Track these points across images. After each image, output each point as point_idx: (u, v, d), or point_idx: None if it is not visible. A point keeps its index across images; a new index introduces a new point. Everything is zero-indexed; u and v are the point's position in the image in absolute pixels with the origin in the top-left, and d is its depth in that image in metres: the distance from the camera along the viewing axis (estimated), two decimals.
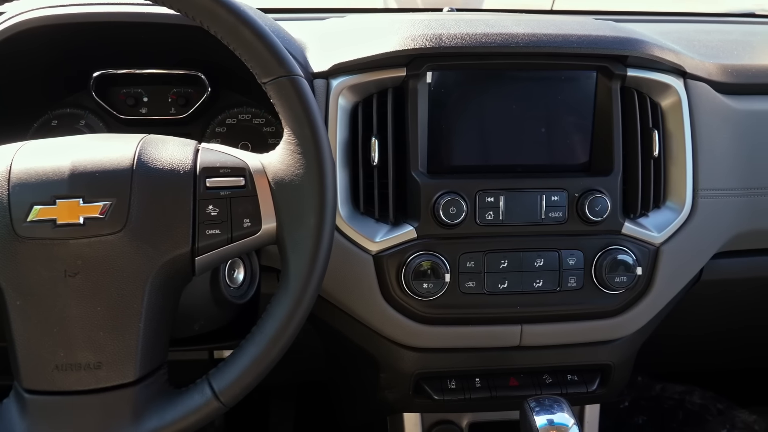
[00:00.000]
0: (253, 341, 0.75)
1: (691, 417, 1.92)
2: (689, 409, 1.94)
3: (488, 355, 1.07)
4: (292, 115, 0.77)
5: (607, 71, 1.02)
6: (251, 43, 0.76)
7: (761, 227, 1.13)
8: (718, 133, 1.08)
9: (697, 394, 1.96)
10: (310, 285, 0.75)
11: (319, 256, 0.75)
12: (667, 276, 1.05)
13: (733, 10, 1.69)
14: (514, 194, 1.00)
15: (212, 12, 0.75)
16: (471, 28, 1.00)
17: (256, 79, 0.78)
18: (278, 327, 0.75)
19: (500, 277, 1.01)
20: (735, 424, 1.91)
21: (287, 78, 0.76)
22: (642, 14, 1.54)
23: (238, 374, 0.75)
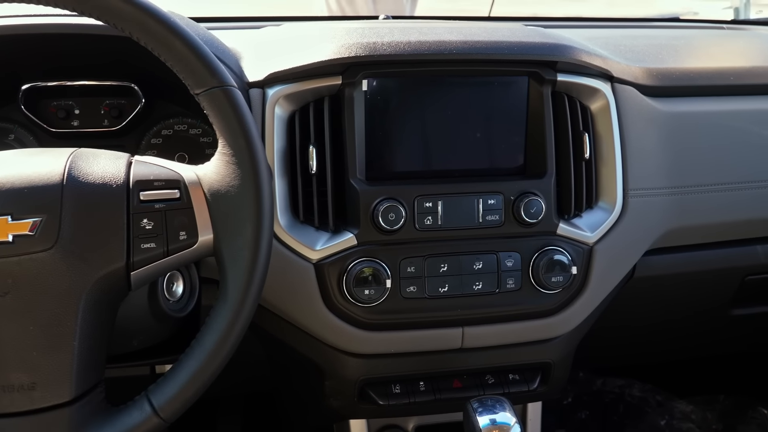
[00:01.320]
0: (193, 355, 0.75)
1: (632, 410, 1.98)
2: (629, 402, 2.00)
3: (431, 358, 1.08)
4: (226, 126, 0.76)
5: (537, 76, 1.04)
6: (182, 54, 0.75)
7: (688, 224, 1.17)
8: (645, 135, 1.12)
9: (636, 387, 2.02)
10: (249, 296, 0.75)
11: (257, 267, 0.75)
12: (601, 274, 1.09)
13: (659, 15, 1.76)
14: (452, 199, 1.02)
15: (141, 23, 0.74)
16: (405, 36, 1.01)
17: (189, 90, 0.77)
18: (217, 339, 0.74)
19: (440, 280, 1.02)
20: (673, 414, 1.97)
21: (220, 89, 0.76)
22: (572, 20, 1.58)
23: (177, 389, 0.74)
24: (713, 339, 1.56)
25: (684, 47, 1.34)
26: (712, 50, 1.40)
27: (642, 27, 1.54)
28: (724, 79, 1.21)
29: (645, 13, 6.38)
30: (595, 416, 1.98)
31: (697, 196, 1.16)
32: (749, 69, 1.25)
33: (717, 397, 1.96)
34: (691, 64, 1.25)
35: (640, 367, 2.01)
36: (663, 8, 7.32)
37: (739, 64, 1.27)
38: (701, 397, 1.97)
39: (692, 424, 1.95)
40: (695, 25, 1.60)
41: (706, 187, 1.16)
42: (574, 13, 12.91)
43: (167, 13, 0.76)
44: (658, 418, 1.96)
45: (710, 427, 1.93)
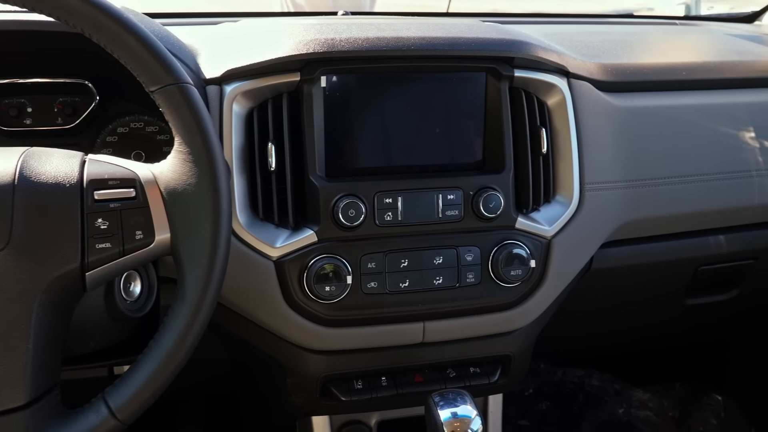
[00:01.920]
0: (150, 355, 0.74)
1: (591, 399, 2.02)
2: (588, 391, 2.03)
3: (393, 353, 1.09)
4: (183, 124, 0.75)
5: (495, 72, 1.05)
6: (136, 51, 0.74)
7: (643, 216, 1.20)
8: (600, 129, 1.14)
9: (595, 377, 2.06)
10: (208, 295, 0.74)
11: (215, 266, 0.74)
12: (559, 267, 1.10)
13: (614, 11, 1.79)
14: (412, 194, 1.02)
15: (94, 20, 0.73)
16: (363, 32, 1.01)
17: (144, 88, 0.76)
18: (176, 339, 0.73)
19: (401, 276, 1.02)
20: (631, 402, 2.02)
21: (175, 86, 0.75)
22: (529, 16, 1.60)
23: (135, 390, 0.73)
24: (669, 328, 1.59)
25: (637, 43, 1.36)
26: (664, 46, 1.43)
27: (597, 23, 1.57)
28: (676, 74, 1.24)
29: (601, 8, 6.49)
30: (555, 406, 2.01)
31: (650, 189, 1.18)
32: (700, 64, 1.28)
33: (673, 384, 2.01)
34: (644, 59, 1.27)
35: (599, 357, 2.05)
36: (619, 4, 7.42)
37: (690, 60, 1.29)
38: (658, 386, 2.02)
39: (649, 411, 1.99)
40: (648, 21, 1.63)
41: (660, 181, 1.18)
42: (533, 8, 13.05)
43: (120, 9, 0.75)
44: (617, 406, 2.01)
45: (666, 414, 1.98)
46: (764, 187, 1.25)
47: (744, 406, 1.88)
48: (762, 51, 1.38)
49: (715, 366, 1.98)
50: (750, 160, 1.24)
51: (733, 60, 1.32)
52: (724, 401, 1.90)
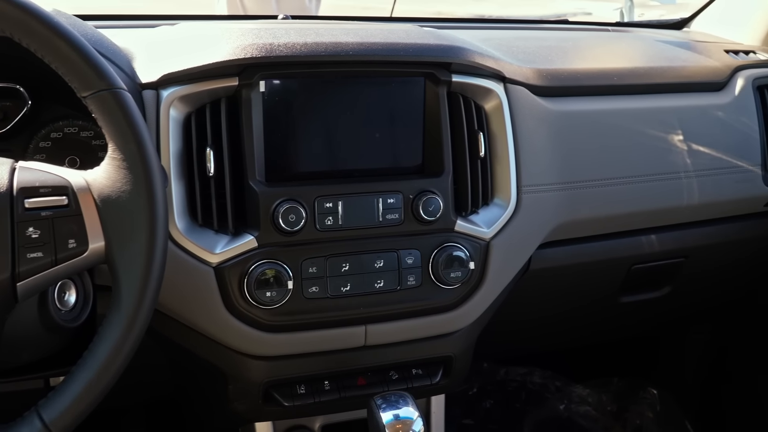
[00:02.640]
0: (85, 366, 0.72)
1: (533, 396, 2.06)
2: (531, 389, 2.07)
3: (336, 357, 1.09)
4: (116, 130, 0.74)
5: (433, 77, 1.07)
6: (67, 56, 0.73)
7: (578, 217, 1.23)
8: (536, 133, 1.17)
9: (537, 375, 2.10)
10: (144, 303, 0.73)
11: (151, 273, 0.74)
12: (497, 268, 1.12)
13: (552, 15, 1.83)
14: (352, 199, 1.03)
15: (22, 24, 0.71)
16: (301, 38, 1.01)
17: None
18: (111, 349, 0.72)
19: (342, 280, 1.03)
20: (572, 398, 2.06)
21: (108, 92, 0.74)
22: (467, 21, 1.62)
23: (69, 402, 0.71)
24: (605, 325, 1.64)
25: (572, 49, 1.40)
26: (597, 52, 1.47)
27: (533, 29, 1.60)
28: (608, 79, 1.28)
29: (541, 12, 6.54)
30: (499, 404, 2.04)
31: (585, 191, 1.21)
32: (631, 70, 1.32)
33: (611, 380, 2.07)
34: (578, 65, 1.31)
35: (541, 355, 2.09)
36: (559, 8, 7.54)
37: (621, 65, 1.34)
38: (596, 381, 2.07)
39: (589, 406, 2.04)
40: (583, 27, 1.68)
41: (593, 182, 1.22)
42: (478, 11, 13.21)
43: (50, 12, 0.73)
44: (558, 402, 2.05)
45: (605, 408, 2.03)
46: (692, 188, 1.30)
47: (678, 398, 1.95)
48: (689, 57, 1.43)
49: (650, 361, 2.04)
50: (678, 162, 1.29)
51: (662, 66, 1.37)
52: (659, 395, 1.97)
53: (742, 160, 1.34)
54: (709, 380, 1.88)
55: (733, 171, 1.34)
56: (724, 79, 1.37)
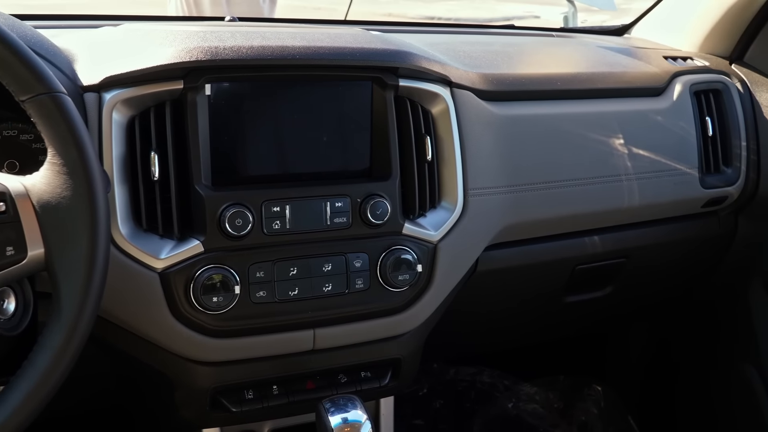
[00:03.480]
0: (25, 375, 0.71)
1: (482, 395, 2.09)
2: (480, 388, 2.10)
3: (284, 361, 1.09)
4: (56, 135, 0.73)
5: (380, 82, 1.07)
6: (3, 58, 0.71)
7: (523, 220, 1.25)
8: (482, 137, 1.19)
9: (486, 374, 2.13)
10: (85, 311, 0.72)
11: (92, 280, 0.72)
12: (445, 270, 1.14)
13: (503, 18, 1.86)
14: (300, 203, 1.03)
15: None
16: (247, 41, 1.00)
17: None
18: (51, 358, 0.71)
19: (290, 284, 1.03)
20: (520, 397, 2.10)
21: (47, 95, 0.72)
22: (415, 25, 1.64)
23: (8, 413, 0.70)
24: (551, 324, 1.67)
25: (517, 54, 1.42)
26: (542, 57, 1.50)
27: (479, 33, 1.62)
28: (552, 84, 1.31)
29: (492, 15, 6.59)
30: (449, 404, 2.06)
31: (530, 193, 1.24)
32: (574, 75, 1.35)
33: (558, 377, 2.11)
34: (523, 70, 1.33)
35: (490, 354, 2.12)
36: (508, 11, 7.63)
37: (565, 71, 1.37)
38: (544, 379, 2.11)
39: (536, 404, 2.08)
40: (528, 32, 1.71)
41: (538, 185, 1.24)
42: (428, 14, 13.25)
43: None
44: (506, 401, 2.08)
45: (552, 406, 2.07)
46: (633, 190, 1.34)
47: (621, 395, 2.00)
48: (630, 63, 1.47)
49: (595, 358, 2.09)
50: (620, 165, 1.32)
51: (604, 71, 1.40)
52: (603, 391, 2.01)
53: (681, 163, 1.39)
54: (650, 376, 1.93)
55: (672, 174, 1.38)
56: (662, 84, 1.41)
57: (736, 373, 1.63)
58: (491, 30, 1.68)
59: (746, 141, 1.47)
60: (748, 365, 1.59)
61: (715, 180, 1.44)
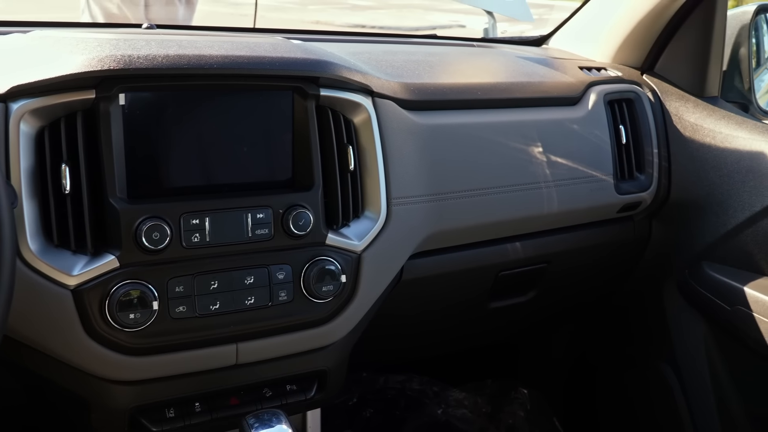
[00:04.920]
0: None
1: (412, 402, 2.09)
2: (410, 395, 2.11)
3: (206, 377, 1.06)
4: None
5: (301, 91, 1.07)
6: None
7: (447, 228, 1.27)
8: (404, 146, 1.19)
9: (415, 381, 2.14)
10: None
11: None
12: (369, 280, 1.14)
13: (430, 26, 1.88)
14: (220, 215, 1.01)
15: None
16: (163, 49, 0.98)
17: None
18: None
19: (211, 298, 1.01)
20: (449, 402, 2.12)
21: None
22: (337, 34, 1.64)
23: None
24: (478, 330, 1.70)
25: (438, 63, 1.44)
26: (462, 67, 1.52)
27: (402, 43, 1.64)
28: (473, 93, 1.33)
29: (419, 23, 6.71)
30: (379, 413, 2.06)
31: (452, 202, 1.25)
32: (493, 85, 1.38)
33: (485, 382, 2.14)
34: (444, 79, 1.35)
35: (419, 361, 2.13)
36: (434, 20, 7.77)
37: (485, 80, 1.39)
38: (472, 384, 2.13)
39: (465, 409, 2.10)
40: (449, 42, 1.73)
41: (460, 193, 1.26)
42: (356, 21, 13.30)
43: None
44: (436, 407, 2.10)
45: (480, 410, 2.10)
46: (552, 197, 1.37)
47: (547, 397, 2.04)
48: (547, 73, 1.51)
49: (521, 361, 2.13)
50: (539, 173, 1.35)
51: (522, 81, 1.43)
52: (529, 394, 2.05)
53: (596, 170, 1.43)
54: (573, 378, 1.99)
55: (589, 180, 1.42)
56: (578, 94, 1.46)
57: (652, 373, 1.69)
58: (414, 39, 1.69)
59: (658, 148, 1.53)
60: (665, 364, 1.65)
61: (630, 186, 1.49)
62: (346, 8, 16.18)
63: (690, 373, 1.60)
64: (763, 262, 1.44)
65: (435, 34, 1.78)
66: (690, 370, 1.60)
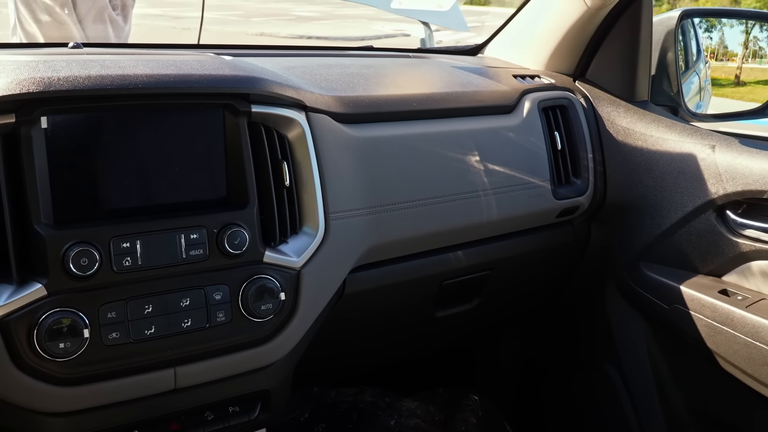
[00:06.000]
0: None
1: (365, 415, 2.08)
2: (362, 408, 2.10)
3: (144, 404, 1.03)
4: None
5: (232, 108, 1.05)
6: None
7: (387, 240, 1.26)
8: (341, 160, 1.19)
9: (368, 393, 2.13)
10: None
11: None
12: (310, 296, 1.12)
13: (375, 35, 1.87)
14: (151, 237, 0.99)
15: None
16: (84, 70, 0.95)
17: None
18: None
19: (146, 323, 0.98)
20: (401, 413, 2.11)
21: None
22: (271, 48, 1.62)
23: None
24: (424, 340, 1.70)
25: (373, 76, 1.44)
26: (398, 78, 1.53)
27: (337, 56, 1.63)
28: (408, 105, 1.33)
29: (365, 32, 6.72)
30: (331, 427, 2.04)
31: (391, 213, 1.25)
32: (429, 95, 1.39)
33: (437, 390, 2.14)
34: (379, 91, 1.35)
35: (370, 373, 2.12)
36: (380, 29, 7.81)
37: (420, 91, 1.40)
38: (424, 393, 2.13)
39: (418, 419, 2.10)
40: (386, 54, 1.74)
41: (399, 205, 1.26)
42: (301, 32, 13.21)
43: None
44: (389, 418, 2.09)
45: (433, 419, 2.10)
46: (491, 205, 1.39)
47: (497, 402, 2.06)
48: (482, 82, 1.53)
49: (471, 368, 2.14)
50: (477, 182, 1.36)
51: (457, 91, 1.45)
52: (480, 400, 2.06)
53: (533, 176, 1.45)
54: (522, 382, 2.00)
55: (526, 187, 1.44)
56: (512, 102, 1.48)
57: (598, 374, 1.71)
58: (349, 52, 1.69)
59: (592, 153, 1.56)
60: (609, 365, 1.68)
61: (567, 191, 1.52)
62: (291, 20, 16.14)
63: (633, 373, 1.63)
64: (698, 260, 1.48)
65: (371, 45, 1.78)
66: (633, 370, 1.63)
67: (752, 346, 1.33)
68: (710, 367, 1.43)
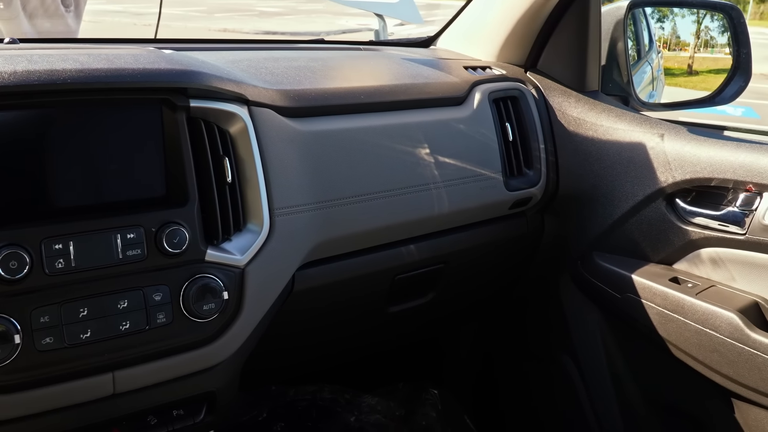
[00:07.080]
0: None
1: (324, 412, 2.06)
2: (321, 405, 2.08)
3: (82, 410, 1.00)
4: None
5: (170, 103, 1.02)
6: None
7: (336, 235, 1.24)
8: (286, 155, 1.16)
9: (326, 390, 2.11)
10: None
11: None
12: (255, 295, 1.10)
13: (341, 29, 1.85)
14: (85, 237, 0.95)
15: None
16: (10, 66, 0.92)
17: None
18: None
19: (81, 326, 0.95)
20: (362, 409, 2.10)
21: None
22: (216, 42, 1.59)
23: None
24: (379, 336, 1.68)
25: (321, 69, 1.41)
26: (346, 71, 1.50)
27: (285, 49, 1.60)
28: (356, 98, 1.31)
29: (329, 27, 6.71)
30: (290, 426, 2.02)
31: (339, 208, 1.23)
32: (377, 88, 1.37)
33: (397, 385, 2.13)
34: (326, 84, 1.32)
35: (329, 370, 2.10)
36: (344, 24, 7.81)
37: (368, 84, 1.37)
38: (384, 389, 2.12)
39: (378, 414, 2.09)
40: (335, 47, 1.71)
41: (347, 200, 1.24)
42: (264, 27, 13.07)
43: None
44: (349, 415, 2.07)
45: (394, 414, 2.09)
46: (442, 198, 1.37)
47: (457, 395, 2.05)
48: (432, 74, 1.51)
49: (430, 362, 2.13)
50: (427, 174, 1.35)
51: (407, 83, 1.43)
52: (440, 394, 2.06)
53: (485, 168, 1.44)
54: (481, 374, 2.00)
55: (478, 179, 1.43)
56: (463, 93, 1.46)
57: (555, 365, 1.72)
58: (298, 45, 1.66)
59: (544, 144, 1.56)
60: (564, 355, 1.69)
61: (519, 182, 1.51)
62: (254, 15, 15.98)
63: (588, 362, 1.64)
64: (649, 249, 1.49)
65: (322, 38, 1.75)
66: (588, 359, 1.64)
67: (702, 333, 1.34)
68: (663, 355, 1.44)
